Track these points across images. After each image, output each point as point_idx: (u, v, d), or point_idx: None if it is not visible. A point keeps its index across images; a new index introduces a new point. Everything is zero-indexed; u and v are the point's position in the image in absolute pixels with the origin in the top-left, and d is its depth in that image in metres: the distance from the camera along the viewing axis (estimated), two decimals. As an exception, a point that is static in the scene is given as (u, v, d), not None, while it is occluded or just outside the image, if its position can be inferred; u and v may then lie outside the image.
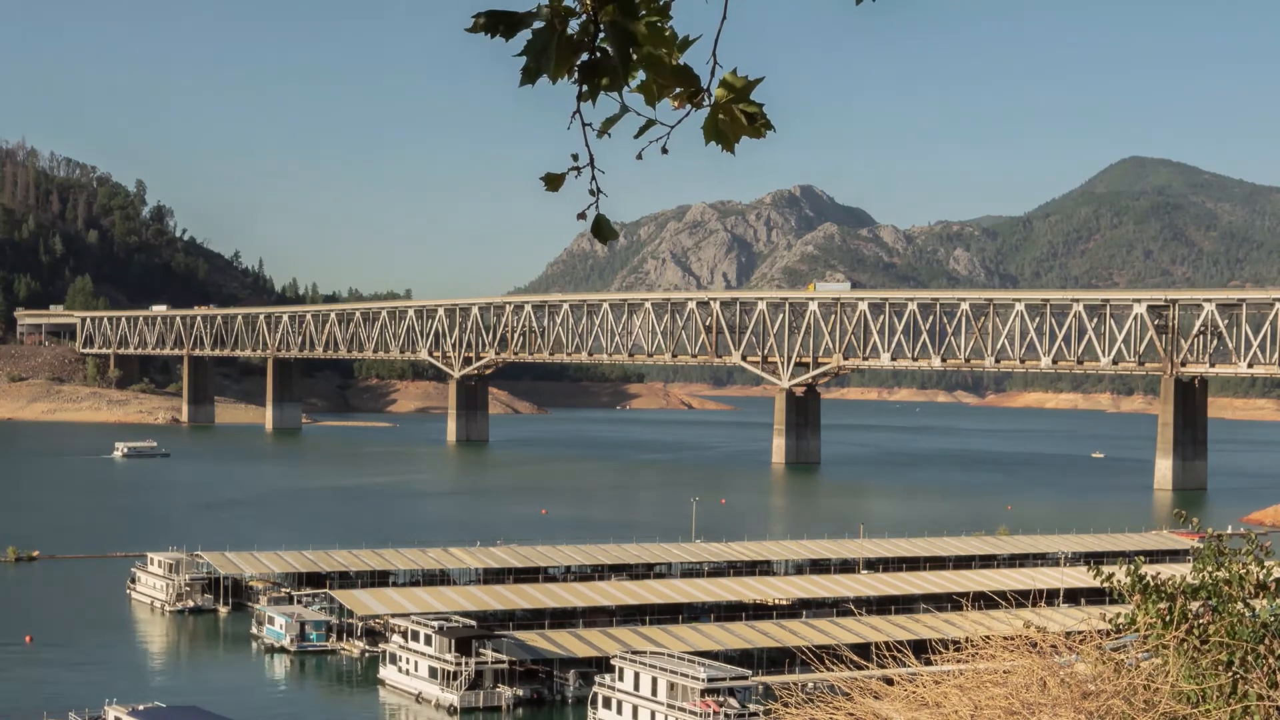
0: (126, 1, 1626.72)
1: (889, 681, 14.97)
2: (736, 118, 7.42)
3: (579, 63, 7.27)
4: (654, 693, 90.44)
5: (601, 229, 7.66)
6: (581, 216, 7.61)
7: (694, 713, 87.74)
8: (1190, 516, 19.02)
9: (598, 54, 7.25)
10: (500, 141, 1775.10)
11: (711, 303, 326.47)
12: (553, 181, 7.56)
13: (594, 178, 7.48)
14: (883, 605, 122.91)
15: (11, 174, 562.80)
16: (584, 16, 7.23)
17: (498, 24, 7.20)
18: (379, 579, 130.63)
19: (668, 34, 7.31)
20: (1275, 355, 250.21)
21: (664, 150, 7.52)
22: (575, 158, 7.43)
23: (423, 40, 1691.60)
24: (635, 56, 7.29)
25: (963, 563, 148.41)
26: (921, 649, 50.53)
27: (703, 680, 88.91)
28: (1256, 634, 13.97)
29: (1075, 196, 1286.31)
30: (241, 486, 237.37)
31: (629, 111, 7.35)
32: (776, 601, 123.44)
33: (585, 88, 7.29)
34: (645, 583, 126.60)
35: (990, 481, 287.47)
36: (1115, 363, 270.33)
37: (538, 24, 7.19)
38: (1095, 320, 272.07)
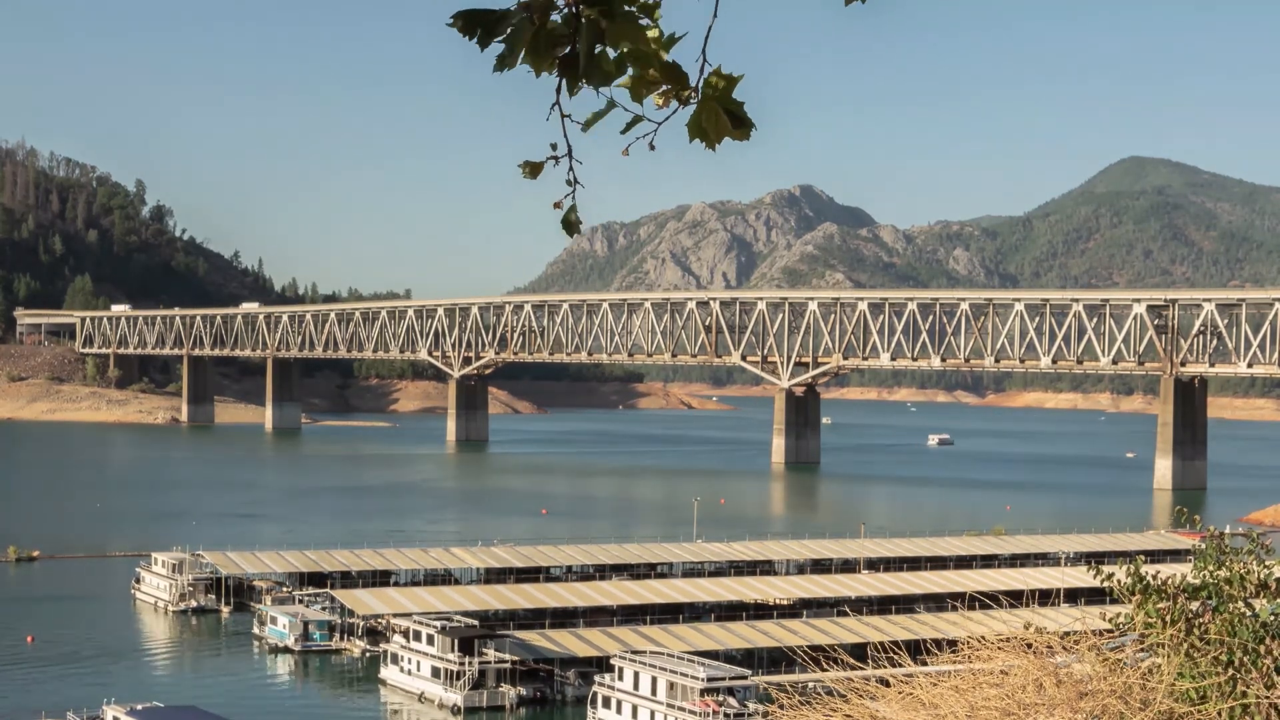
0: (126, 2, 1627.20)
1: (886, 682, 15.03)
2: (720, 117, 7.47)
3: (559, 56, 7.33)
4: (653, 692, 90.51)
5: (569, 222, 7.74)
6: (557, 206, 7.69)
7: (693, 712, 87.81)
8: (1193, 515, 19.09)
9: (578, 48, 7.31)
10: (500, 141, 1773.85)
11: (711, 303, 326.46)
12: (532, 169, 7.64)
13: (571, 168, 7.54)
14: (883, 605, 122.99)
15: (11, 174, 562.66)
16: (565, 10, 7.28)
17: (475, 26, 7.27)
18: (381, 579, 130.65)
19: (652, 31, 7.34)
20: (1275, 355, 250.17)
21: (651, 146, 7.55)
22: (554, 147, 7.50)
23: (422, 40, 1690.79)
24: (621, 52, 7.34)
25: (963, 563, 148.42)
26: (922, 649, 50.53)
27: (702, 680, 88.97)
28: (1256, 634, 14.02)
29: (1075, 196, 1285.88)
30: (242, 486, 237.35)
31: (616, 107, 7.40)
32: (777, 601, 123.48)
33: (565, 81, 7.35)
34: (646, 582, 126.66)
35: (992, 481, 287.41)
36: (1115, 362, 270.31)
37: (516, 17, 7.26)
38: (1095, 320, 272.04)
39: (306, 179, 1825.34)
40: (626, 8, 7.29)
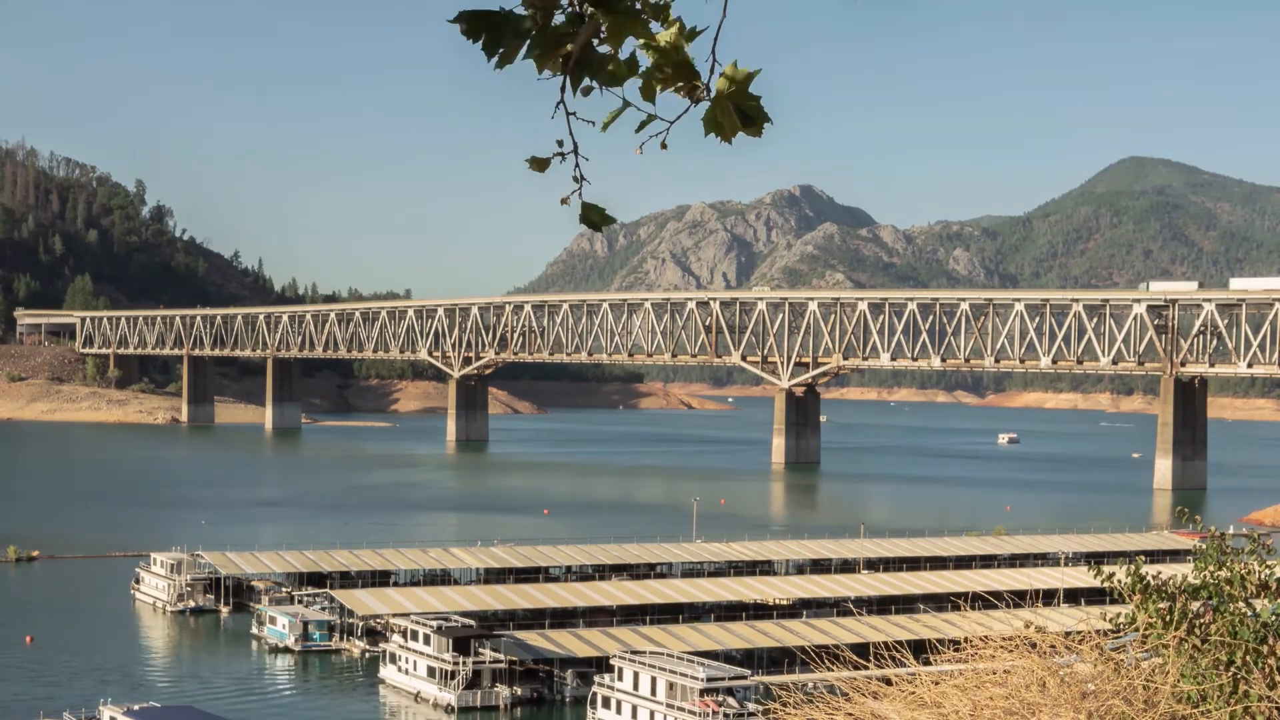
0: (127, 2, 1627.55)
1: (888, 681, 14.95)
2: (732, 113, 7.43)
3: (563, 56, 7.28)
4: (653, 692, 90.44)
5: (590, 216, 7.64)
6: (565, 201, 7.62)
7: (693, 712, 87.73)
8: (1194, 515, 18.99)
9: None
10: (500, 141, 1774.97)
11: (711, 303, 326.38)
12: (538, 164, 7.58)
13: (578, 164, 7.48)
14: (883, 605, 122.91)
15: (11, 174, 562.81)
16: (570, 10, 7.23)
17: (480, 30, 7.22)
18: (380, 579, 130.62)
19: (672, 27, 7.29)
20: (1275, 355, 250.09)
21: (663, 145, 7.52)
22: (560, 143, 7.44)
23: (422, 40, 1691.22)
24: (635, 49, 7.29)
25: (963, 563, 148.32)
26: (921, 649, 50.53)
27: (701, 680, 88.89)
28: (1258, 634, 13.93)
29: (1075, 196, 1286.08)
30: (242, 486, 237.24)
31: (630, 106, 7.34)
32: (777, 601, 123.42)
33: (569, 79, 7.30)
34: (646, 583, 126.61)
35: (991, 480, 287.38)
36: (1115, 363, 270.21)
37: (520, 14, 7.21)
38: (1095, 320, 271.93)
39: (306, 179, 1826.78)
40: (627, 3, 7.23)
